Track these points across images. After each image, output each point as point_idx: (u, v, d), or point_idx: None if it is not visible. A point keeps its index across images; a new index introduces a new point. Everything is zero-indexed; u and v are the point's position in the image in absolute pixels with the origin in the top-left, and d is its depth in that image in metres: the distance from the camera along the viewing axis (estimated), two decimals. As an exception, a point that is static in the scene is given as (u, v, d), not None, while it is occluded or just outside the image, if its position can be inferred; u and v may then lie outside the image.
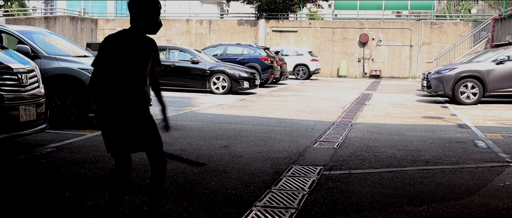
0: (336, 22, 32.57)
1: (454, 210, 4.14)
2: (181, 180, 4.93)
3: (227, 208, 4.07)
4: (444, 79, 13.80)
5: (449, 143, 7.42)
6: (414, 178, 5.21)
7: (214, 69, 15.93)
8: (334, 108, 12.28)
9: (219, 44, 22.09)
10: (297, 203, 4.26)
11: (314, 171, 5.44)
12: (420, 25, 30.45)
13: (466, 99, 13.50)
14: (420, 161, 6.09)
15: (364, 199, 4.42)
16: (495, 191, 4.77)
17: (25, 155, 5.95)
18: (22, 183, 4.79)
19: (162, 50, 17.58)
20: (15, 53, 6.47)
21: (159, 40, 32.36)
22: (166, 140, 7.10)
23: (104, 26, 33.91)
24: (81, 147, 6.47)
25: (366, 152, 6.61)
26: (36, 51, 8.15)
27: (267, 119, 10.01)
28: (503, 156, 6.43)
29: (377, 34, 30.46)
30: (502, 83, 13.48)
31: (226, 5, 52.54)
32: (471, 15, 37.45)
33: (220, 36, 31.81)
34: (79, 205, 4.07)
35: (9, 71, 5.66)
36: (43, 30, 9.64)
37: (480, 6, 48.97)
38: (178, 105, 12.07)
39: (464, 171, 5.58)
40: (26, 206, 4.03)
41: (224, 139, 7.35)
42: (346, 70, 30.37)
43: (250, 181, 4.93)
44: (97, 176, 5.03)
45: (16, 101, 5.67)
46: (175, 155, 5.94)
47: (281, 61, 22.04)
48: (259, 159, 6.00)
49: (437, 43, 29.97)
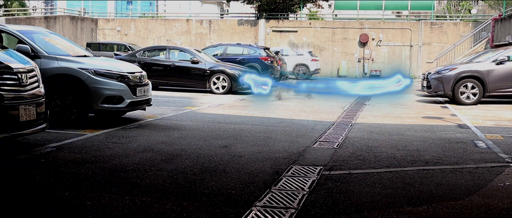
0: (336, 22, 32.58)
1: (454, 210, 4.14)
2: (181, 180, 4.93)
3: (227, 208, 4.07)
4: (444, 79, 13.80)
5: (449, 143, 7.42)
6: (414, 178, 5.21)
7: (214, 69, 15.93)
8: (334, 108, 12.27)
9: (219, 44, 22.11)
10: (297, 203, 4.26)
11: (314, 171, 5.44)
12: (420, 25, 30.45)
13: (466, 99, 13.50)
14: (420, 161, 6.09)
15: (364, 199, 4.42)
16: (495, 191, 4.77)
17: (25, 154, 5.95)
18: (22, 183, 4.79)
19: (162, 50, 17.61)
20: (15, 53, 6.47)
21: (159, 40, 32.41)
22: (166, 140, 7.13)
23: (104, 26, 33.91)
24: (81, 147, 6.47)
25: (366, 152, 6.60)
26: (36, 50, 8.15)
27: (267, 119, 10.01)
28: (503, 156, 6.43)
29: (377, 34, 30.47)
30: (502, 83, 13.48)
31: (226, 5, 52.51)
32: (471, 15, 37.45)
33: (220, 36, 31.81)
34: (79, 205, 4.07)
35: (9, 70, 5.66)
36: (43, 30, 9.64)
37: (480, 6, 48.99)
38: (178, 105, 12.07)
39: (464, 171, 5.58)
40: (26, 206, 4.03)
41: (224, 139, 7.34)
42: (346, 70, 30.37)
43: (250, 181, 4.92)
44: (97, 176, 5.03)
45: (16, 101, 5.66)
46: None
47: (281, 61, 22.04)
48: (259, 159, 5.99)
49: (437, 43, 29.98)
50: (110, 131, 7.82)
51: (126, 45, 27.09)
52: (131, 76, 8.65)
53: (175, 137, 7.43)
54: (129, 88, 8.46)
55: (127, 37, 33.01)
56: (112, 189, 4.53)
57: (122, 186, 4.69)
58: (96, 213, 3.87)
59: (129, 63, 10.52)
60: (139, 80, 8.85)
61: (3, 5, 39.90)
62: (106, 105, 8.25)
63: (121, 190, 4.51)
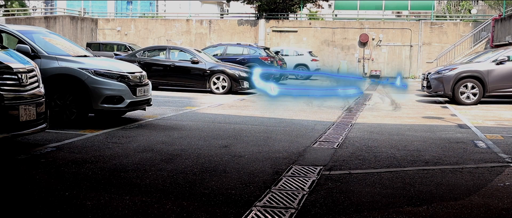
0: (336, 22, 32.58)
1: (454, 210, 4.14)
2: (181, 180, 4.93)
3: (227, 208, 4.07)
4: (444, 79, 13.80)
5: (449, 143, 7.42)
6: (414, 178, 5.21)
7: (214, 69, 15.93)
8: (333, 108, 12.27)
9: (219, 44, 22.10)
10: (297, 203, 4.26)
11: (314, 171, 5.43)
12: (420, 25, 30.46)
13: (466, 99, 13.50)
14: (420, 161, 6.09)
15: (364, 199, 4.42)
16: (495, 191, 4.77)
17: (25, 154, 5.95)
18: (21, 183, 4.79)
19: (162, 50, 17.61)
20: (15, 53, 6.47)
21: (159, 40, 32.41)
22: (166, 140, 7.13)
23: (104, 26, 33.91)
24: (81, 147, 6.47)
25: (366, 152, 6.60)
26: (36, 51, 8.15)
27: (267, 119, 10.01)
28: (503, 156, 6.43)
29: (377, 34, 30.47)
30: (502, 83, 13.48)
31: (226, 5, 52.53)
32: (471, 15, 37.45)
33: (220, 36, 31.82)
34: (79, 205, 4.07)
35: (9, 70, 5.66)
36: (43, 30, 9.63)
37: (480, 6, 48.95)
38: (178, 105, 12.07)
39: (464, 171, 5.58)
40: (26, 206, 4.03)
41: (224, 139, 7.34)
42: (346, 70, 30.35)
43: (250, 181, 4.92)
44: (97, 175, 5.03)
45: (16, 101, 5.66)
46: None
47: (281, 61, 22.04)
48: (259, 159, 5.99)
49: (437, 43, 29.99)
50: (110, 131, 7.82)
51: (126, 45, 27.10)
52: (131, 76, 8.65)
53: (175, 137, 7.43)
54: (129, 88, 8.46)
55: (127, 37, 33.02)
56: (112, 189, 4.53)
57: (122, 186, 4.68)
58: (95, 213, 3.87)
59: (129, 63, 10.52)
60: (139, 80, 8.85)
61: (3, 5, 39.89)
62: (106, 105, 8.25)
63: (121, 190, 4.51)
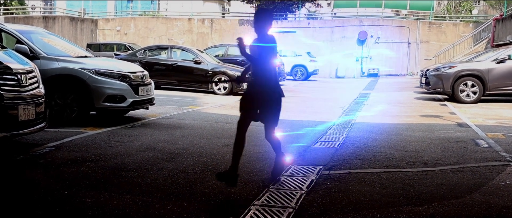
0: (335, 20, 32.55)
1: (455, 208, 4.14)
2: (181, 179, 4.92)
3: (226, 207, 4.08)
4: (444, 76, 13.76)
5: (449, 142, 7.41)
6: (414, 178, 5.20)
7: (216, 70, 15.94)
8: (333, 108, 12.27)
9: (221, 45, 22.06)
10: (295, 202, 4.26)
11: (313, 171, 5.43)
12: (418, 24, 30.49)
13: (466, 98, 13.47)
14: (419, 162, 6.08)
15: (363, 198, 4.42)
16: (496, 189, 4.77)
17: (24, 155, 5.93)
18: (20, 183, 4.78)
19: (163, 49, 17.59)
20: (14, 54, 6.47)
21: (160, 39, 32.37)
22: (169, 139, 7.13)
23: (104, 26, 33.88)
24: (81, 145, 6.47)
25: (366, 152, 6.60)
26: (35, 51, 8.12)
27: (267, 119, 9.98)
28: (505, 155, 6.42)
29: (376, 32, 30.43)
30: (502, 81, 13.45)
31: (227, 3, 52.53)
32: (472, 16, 37.39)
33: (221, 36, 31.79)
34: (78, 203, 4.07)
35: (8, 71, 5.66)
36: (41, 30, 9.60)
37: (481, 6, 48.80)
38: (181, 104, 12.08)
39: (465, 170, 5.57)
40: (25, 206, 4.02)
41: (226, 138, 7.34)
42: (344, 70, 30.27)
43: (249, 180, 4.93)
44: (97, 174, 5.03)
45: (15, 101, 5.66)
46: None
47: (279, 62, 21.90)
48: (258, 158, 6.00)
49: (435, 42, 30.00)
50: (112, 129, 7.82)
51: (125, 45, 27.08)
52: (133, 76, 8.66)
53: (178, 136, 7.43)
54: (131, 87, 8.47)
55: (126, 36, 32.94)
56: (113, 188, 4.53)
57: (123, 185, 4.68)
58: (95, 210, 3.87)
59: (130, 63, 10.53)
60: (141, 79, 8.86)
61: (3, 4, 39.84)
62: (108, 104, 8.27)
63: (121, 190, 4.51)
